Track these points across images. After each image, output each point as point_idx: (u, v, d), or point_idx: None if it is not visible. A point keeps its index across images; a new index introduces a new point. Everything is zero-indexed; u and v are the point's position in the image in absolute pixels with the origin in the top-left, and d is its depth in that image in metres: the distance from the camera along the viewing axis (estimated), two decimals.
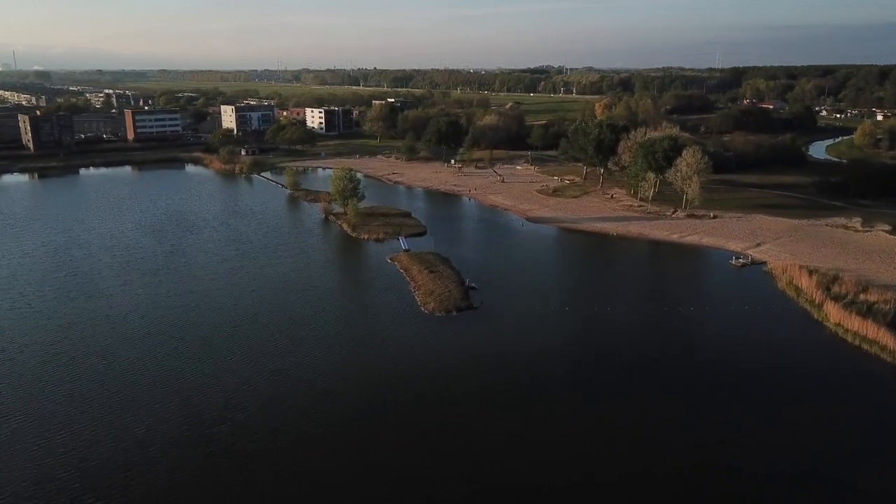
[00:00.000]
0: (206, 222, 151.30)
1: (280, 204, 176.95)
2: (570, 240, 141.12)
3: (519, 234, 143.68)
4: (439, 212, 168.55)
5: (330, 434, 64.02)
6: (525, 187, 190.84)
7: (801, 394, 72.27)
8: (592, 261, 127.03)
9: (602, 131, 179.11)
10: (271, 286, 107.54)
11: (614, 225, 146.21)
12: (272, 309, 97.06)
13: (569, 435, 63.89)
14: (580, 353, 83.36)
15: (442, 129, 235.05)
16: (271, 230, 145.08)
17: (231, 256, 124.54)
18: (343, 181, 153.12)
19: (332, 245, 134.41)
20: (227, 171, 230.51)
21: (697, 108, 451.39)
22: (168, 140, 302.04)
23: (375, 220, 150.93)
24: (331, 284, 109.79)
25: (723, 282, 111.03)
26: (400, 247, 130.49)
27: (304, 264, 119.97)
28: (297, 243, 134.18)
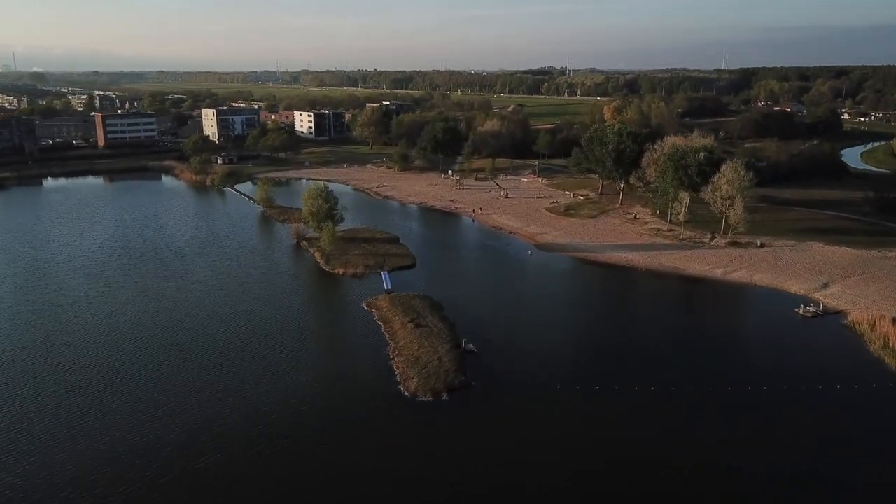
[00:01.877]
0: (152, 255, 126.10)
1: (249, 225, 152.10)
2: (588, 275, 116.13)
3: (527, 267, 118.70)
4: (433, 236, 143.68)
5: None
6: (532, 204, 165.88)
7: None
8: (619, 307, 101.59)
9: (622, 141, 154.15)
10: (200, 355, 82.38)
11: (642, 255, 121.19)
12: (188, 401, 72.06)
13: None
14: (625, 480, 58.26)
15: (438, 135, 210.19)
16: (230, 263, 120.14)
17: (167, 306, 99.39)
18: (317, 200, 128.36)
19: (297, 284, 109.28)
20: (198, 183, 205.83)
21: (711, 110, 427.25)
22: (143, 146, 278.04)
23: (355, 248, 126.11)
24: (285, 349, 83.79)
25: (792, 342, 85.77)
26: (382, 285, 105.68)
27: (256, 317, 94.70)
28: (255, 282, 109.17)
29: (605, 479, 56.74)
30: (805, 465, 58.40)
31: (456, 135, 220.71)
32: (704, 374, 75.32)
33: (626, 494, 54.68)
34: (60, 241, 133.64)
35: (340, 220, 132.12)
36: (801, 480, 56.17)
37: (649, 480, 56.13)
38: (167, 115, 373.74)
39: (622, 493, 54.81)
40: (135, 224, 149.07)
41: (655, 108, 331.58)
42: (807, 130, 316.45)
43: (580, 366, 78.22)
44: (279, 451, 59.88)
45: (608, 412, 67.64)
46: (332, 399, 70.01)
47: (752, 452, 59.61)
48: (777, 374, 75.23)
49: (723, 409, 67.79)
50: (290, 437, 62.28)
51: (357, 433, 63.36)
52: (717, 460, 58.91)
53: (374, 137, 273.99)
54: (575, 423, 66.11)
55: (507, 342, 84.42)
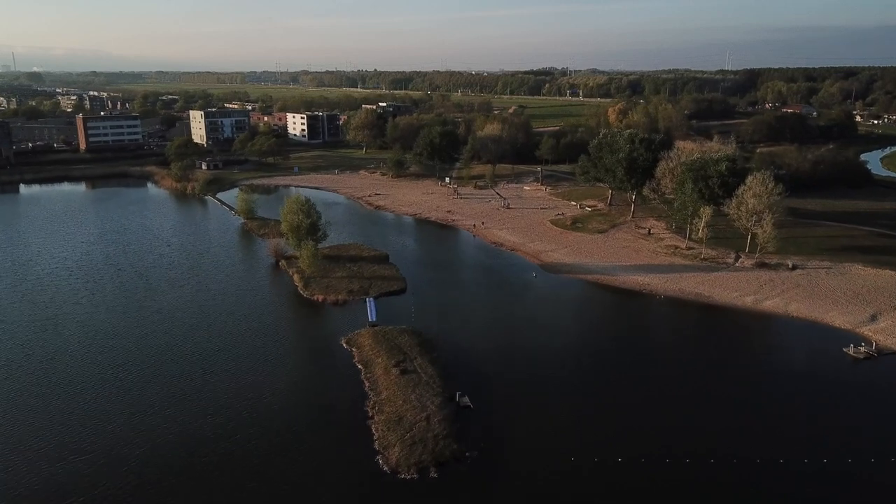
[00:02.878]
0: (112, 278, 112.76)
1: (225, 240, 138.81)
2: (601, 304, 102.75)
3: (531, 293, 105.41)
4: (426, 253, 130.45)
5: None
6: (536, 216, 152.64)
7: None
8: (640, 347, 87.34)
9: (635, 148, 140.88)
10: (145, 401, 69.36)
11: (660, 279, 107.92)
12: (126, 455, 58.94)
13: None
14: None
15: (435, 140, 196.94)
16: (197, 289, 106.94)
17: (113, 346, 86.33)
18: (296, 215, 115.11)
19: (269, 316, 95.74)
20: (179, 191, 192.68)
21: (718, 112, 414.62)
22: (127, 150, 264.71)
23: (339, 269, 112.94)
24: (242, 404, 70.54)
25: (846, 393, 72.64)
26: (366, 315, 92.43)
27: (215, 360, 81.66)
28: (222, 314, 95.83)
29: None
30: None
31: (454, 139, 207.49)
32: (748, 439, 62.09)
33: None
34: (7, 263, 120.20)
35: (323, 238, 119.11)
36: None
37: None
38: (156, 117, 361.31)
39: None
40: (100, 241, 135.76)
41: (662, 110, 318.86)
42: (820, 133, 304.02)
43: (598, 427, 64.97)
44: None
45: (636, 496, 54.38)
46: (293, 479, 56.70)
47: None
48: (834, 437, 62.07)
49: (778, 492, 54.50)
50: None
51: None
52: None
53: (369, 141, 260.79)
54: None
55: (510, 394, 71.22)
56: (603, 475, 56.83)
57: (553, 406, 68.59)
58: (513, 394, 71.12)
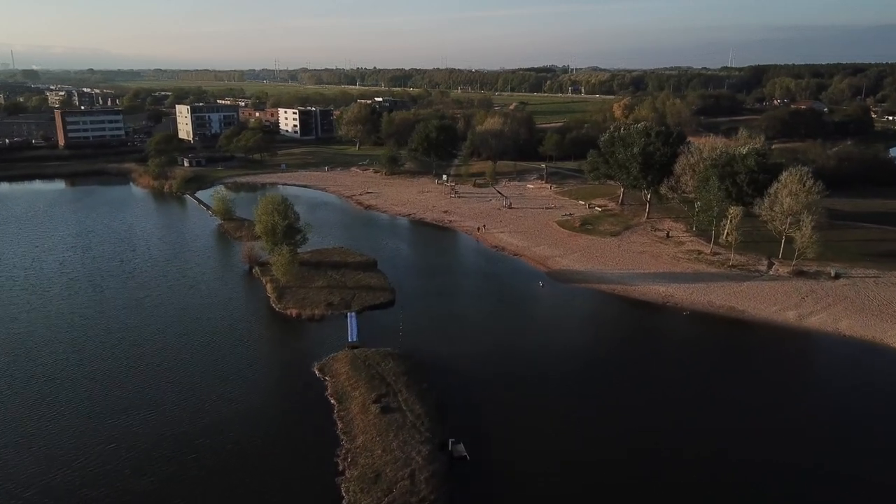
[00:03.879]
0: (64, 288, 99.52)
1: (198, 243, 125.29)
2: (619, 319, 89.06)
3: (538, 306, 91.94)
4: (419, 259, 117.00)
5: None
6: (541, 217, 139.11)
7: None
8: (668, 373, 73.47)
9: (651, 142, 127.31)
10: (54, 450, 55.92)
11: (684, 289, 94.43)
12: None
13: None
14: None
15: (431, 134, 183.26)
16: (159, 301, 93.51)
17: (40, 374, 72.87)
18: (272, 216, 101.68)
19: (234, 334, 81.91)
20: (156, 189, 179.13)
21: (726, 108, 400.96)
22: (108, 146, 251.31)
23: (319, 278, 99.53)
24: (190, 454, 57.43)
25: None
26: (346, 333, 78.99)
27: (162, 395, 68.27)
28: (179, 333, 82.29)
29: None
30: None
31: (452, 134, 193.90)
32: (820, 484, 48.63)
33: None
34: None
35: (303, 242, 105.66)
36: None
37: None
38: (143, 113, 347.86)
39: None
40: (58, 246, 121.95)
41: (670, 105, 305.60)
42: (836, 130, 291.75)
43: (625, 482, 51.48)
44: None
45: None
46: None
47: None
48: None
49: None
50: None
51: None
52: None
53: (363, 137, 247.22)
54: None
55: (516, 439, 57.69)
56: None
57: (569, 453, 55.10)
58: (519, 439, 57.62)
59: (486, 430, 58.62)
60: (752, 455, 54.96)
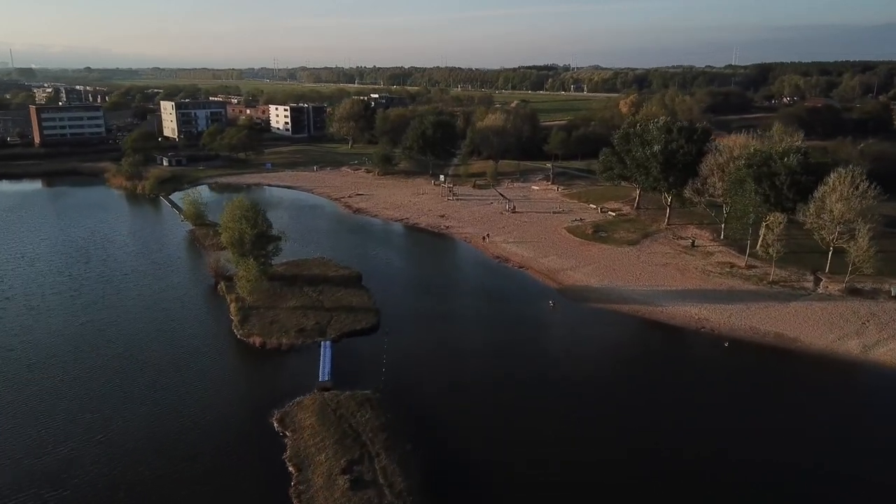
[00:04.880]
0: (2, 303, 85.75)
1: (163, 253, 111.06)
2: (645, 349, 74.78)
3: (549, 333, 77.78)
4: (411, 272, 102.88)
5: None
6: (548, 223, 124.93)
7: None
8: (716, 427, 59.39)
9: (673, 139, 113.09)
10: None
11: (720, 311, 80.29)
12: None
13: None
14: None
15: (427, 131, 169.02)
16: (101, 323, 79.72)
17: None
18: (239, 223, 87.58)
19: (181, 371, 67.55)
20: (130, 190, 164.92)
21: (735, 106, 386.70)
22: (87, 144, 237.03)
23: (293, 296, 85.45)
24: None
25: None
26: (317, 369, 64.94)
27: (73, 465, 54.25)
28: (118, 366, 68.42)
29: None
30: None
31: (450, 131, 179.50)
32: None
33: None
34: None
35: (275, 253, 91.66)
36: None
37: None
38: (128, 109, 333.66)
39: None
40: (4, 256, 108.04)
41: (680, 102, 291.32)
42: (855, 127, 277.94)
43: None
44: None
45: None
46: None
47: None
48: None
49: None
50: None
51: None
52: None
53: (355, 135, 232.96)
54: None
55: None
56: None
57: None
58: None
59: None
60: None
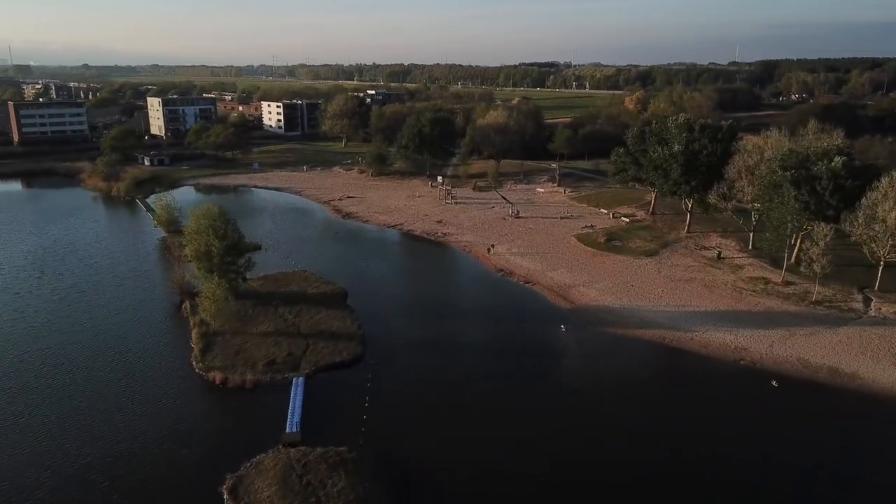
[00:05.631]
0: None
1: (132, 264, 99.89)
2: (680, 388, 63.28)
3: (562, 365, 66.49)
4: (402, 287, 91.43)
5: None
6: (556, 229, 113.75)
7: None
8: (780, 489, 49.01)
9: (695, 138, 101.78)
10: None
11: (759, 337, 69.15)
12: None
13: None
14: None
15: (424, 129, 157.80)
16: (50, 349, 68.78)
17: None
18: (206, 236, 76.46)
19: (132, 416, 56.24)
20: (105, 192, 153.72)
21: (743, 104, 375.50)
22: (70, 142, 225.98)
23: (265, 318, 74.33)
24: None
25: None
26: (285, 416, 53.81)
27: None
28: (56, 410, 57.29)
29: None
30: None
31: (448, 128, 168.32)
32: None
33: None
34: None
35: (248, 268, 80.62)
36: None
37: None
38: (116, 106, 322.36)
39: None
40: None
41: (688, 99, 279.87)
42: (871, 125, 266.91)
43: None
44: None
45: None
46: None
47: None
48: None
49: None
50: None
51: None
52: None
53: (350, 133, 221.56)
54: None
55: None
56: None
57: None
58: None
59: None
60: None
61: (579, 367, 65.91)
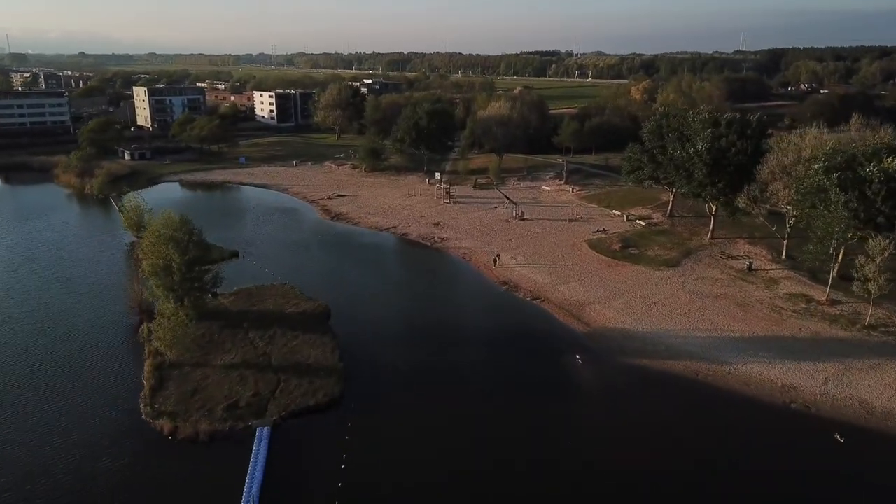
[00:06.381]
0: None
1: (96, 274, 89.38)
2: (718, 440, 52.76)
3: (579, 409, 56.13)
4: (392, 305, 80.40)
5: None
6: (565, 234, 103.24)
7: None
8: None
9: (722, 134, 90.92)
10: None
11: (809, 374, 58.92)
12: None
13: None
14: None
15: (421, 121, 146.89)
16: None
17: None
18: (164, 249, 66.06)
19: (53, 485, 46.64)
20: (79, 189, 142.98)
21: (752, 94, 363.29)
22: (49, 134, 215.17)
23: (233, 345, 64.03)
24: None
25: None
26: (242, 480, 43.56)
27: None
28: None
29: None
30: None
31: (447, 120, 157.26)
32: None
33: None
34: None
35: (214, 285, 70.36)
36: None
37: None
38: (103, 97, 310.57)
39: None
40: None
41: (698, 89, 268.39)
42: (889, 116, 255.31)
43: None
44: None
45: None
46: None
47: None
48: None
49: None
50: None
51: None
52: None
53: (343, 125, 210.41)
54: None
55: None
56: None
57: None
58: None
59: None
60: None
61: (599, 411, 55.59)
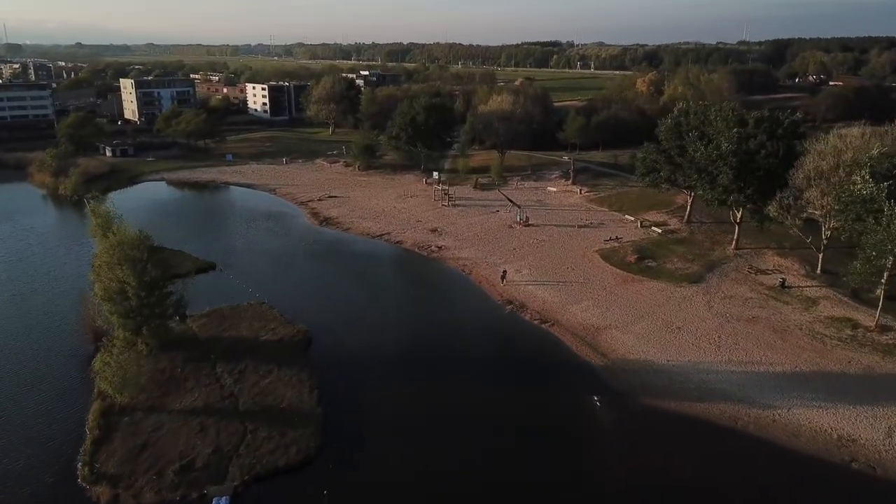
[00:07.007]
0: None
1: (57, 291, 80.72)
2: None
3: (598, 469, 47.40)
4: (382, 330, 70.83)
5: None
6: (574, 242, 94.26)
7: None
8: None
9: (750, 133, 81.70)
10: None
11: (865, 420, 50.30)
12: None
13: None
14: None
15: (418, 116, 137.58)
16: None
17: None
18: (118, 271, 57.25)
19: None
20: (53, 189, 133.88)
21: (759, 86, 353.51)
22: (31, 128, 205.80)
23: (195, 384, 55.31)
24: None
25: None
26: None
27: None
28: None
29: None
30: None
31: (446, 115, 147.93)
32: None
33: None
34: None
35: (176, 311, 61.50)
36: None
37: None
38: (91, 89, 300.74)
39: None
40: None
41: (706, 81, 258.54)
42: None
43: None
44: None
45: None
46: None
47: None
48: None
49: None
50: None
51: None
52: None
53: (338, 119, 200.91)
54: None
55: None
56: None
57: None
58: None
59: None
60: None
61: (624, 468, 46.85)
